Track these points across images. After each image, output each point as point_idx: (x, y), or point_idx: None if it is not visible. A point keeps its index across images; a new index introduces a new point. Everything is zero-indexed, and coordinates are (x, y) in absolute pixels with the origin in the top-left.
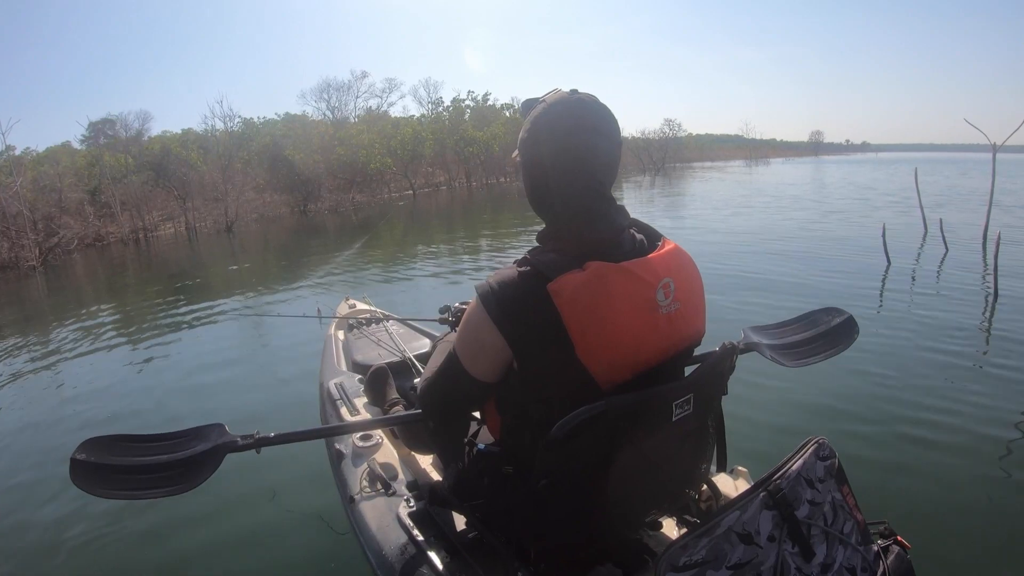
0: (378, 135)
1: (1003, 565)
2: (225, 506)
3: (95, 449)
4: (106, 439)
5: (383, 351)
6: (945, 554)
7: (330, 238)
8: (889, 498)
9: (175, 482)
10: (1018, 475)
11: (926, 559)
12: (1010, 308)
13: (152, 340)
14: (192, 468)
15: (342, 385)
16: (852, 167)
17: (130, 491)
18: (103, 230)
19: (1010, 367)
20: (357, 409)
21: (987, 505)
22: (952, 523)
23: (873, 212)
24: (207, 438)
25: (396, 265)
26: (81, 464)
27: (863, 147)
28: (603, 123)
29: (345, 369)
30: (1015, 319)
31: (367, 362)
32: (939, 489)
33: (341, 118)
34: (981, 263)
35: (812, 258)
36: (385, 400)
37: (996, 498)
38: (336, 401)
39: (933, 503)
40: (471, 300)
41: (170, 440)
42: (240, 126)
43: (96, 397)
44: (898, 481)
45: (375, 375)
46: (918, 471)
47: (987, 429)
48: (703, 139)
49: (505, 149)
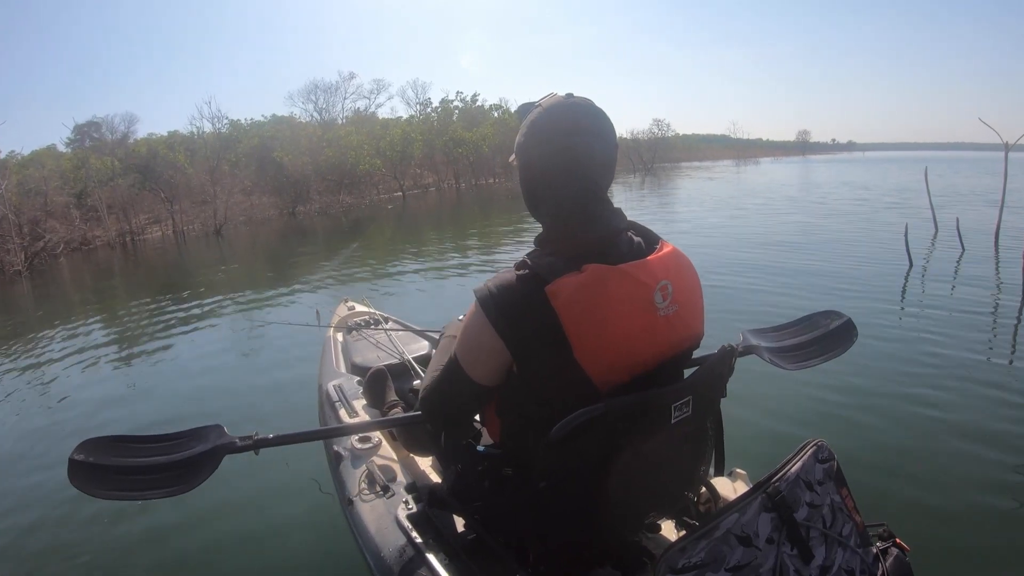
0: (367, 136)
1: (1002, 568)
2: (223, 507)
3: (94, 450)
4: (105, 440)
5: (382, 353)
6: (944, 556)
7: (322, 241)
8: (888, 500)
9: (174, 483)
10: (1018, 478)
11: (925, 561)
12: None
13: (149, 342)
14: (191, 469)
15: (341, 387)
16: (843, 166)
17: (128, 492)
18: (89, 234)
19: (1015, 368)
20: (356, 411)
21: (986, 508)
22: (951, 526)
23: (875, 214)
24: (206, 439)
25: (394, 267)
26: (80, 465)
27: (849, 146)
28: (599, 126)
29: (344, 371)
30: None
31: (366, 364)
32: (938, 492)
33: (329, 119)
34: (994, 264)
35: (829, 261)
36: (384, 402)
37: (995, 501)
38: (335, 403)
39: (932, 506)
40: (471, 304)
41: (169, 441)
42: (227, 128)
43: (94, 399)
44: (897, 483)
45: (374, 377)
46: (917, 474)
47: (987, 431)
48: (690, 139)
49: (494, 150)
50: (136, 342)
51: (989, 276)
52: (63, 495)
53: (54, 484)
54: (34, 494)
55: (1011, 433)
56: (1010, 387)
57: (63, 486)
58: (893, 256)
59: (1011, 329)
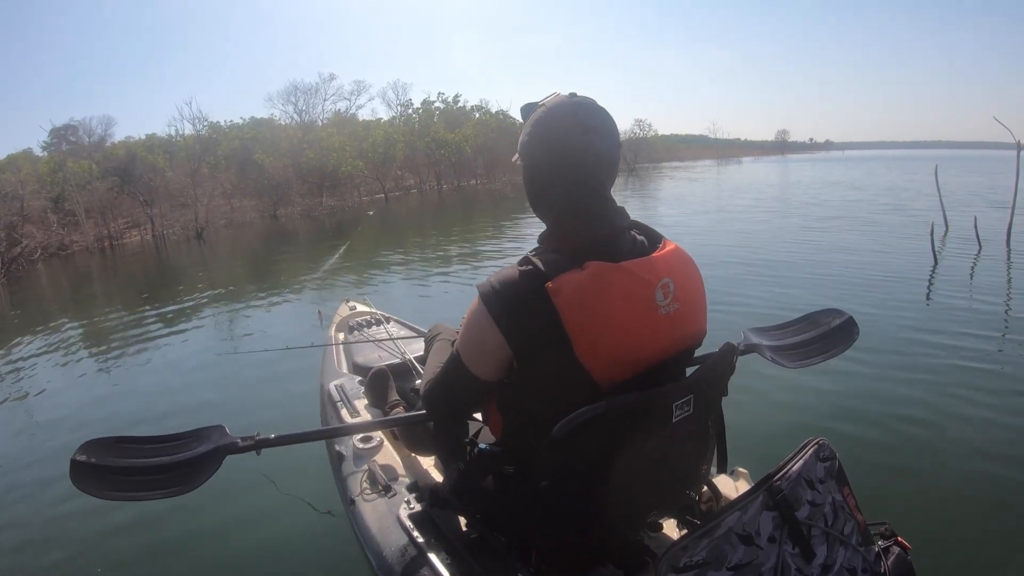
0: (349, 137)
1: (1004, 567)
2: (225, 508)
3: (96, 450)
4: (106, 440)
5: (383, 353)
6: (946, 555)
7: (313, 243)
8: (890, 499)
9: (175, 483)
10: (1020, 476)
11: (927, 560)
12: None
13: (147, 343)
14: (192, 469)
15: (342, 387)
16: (826, 166)
17: (130, 492)
18: (67, 238)
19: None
20: (357, 411)
21: (989, 506)
22: (953, 524)
23: (876, 214)
24: (207, 439)
25: (388, 268)
26: (81, 465)
27: (826, 145)
28: (602, 125)
29: (345, 371)
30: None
31: (367, 364)
32: (940, 490)
33: (309, 121)
34: (1006, 265)
35: (835, 260)
36: (386, 402)
37: (998, 499)
38: (336, 403)
39: (934, 504)
40: (473, 300)
41: (170, 441)
42: (207, 130)
43: (92, 401)
44: (899, 482)
45: (375, 377)
46: (919, 472)
47: (990, 430)
48: (670, 139)
49: (476, 151)
50: (138, 341)
51: (1001, 276)
52: (64, 495)
53: (55, 484)
54: (33, 495)
55: (1014, 432)
56: (1015, 386)
57: (64, 486)
58: (897, 253)
59: (1019, 329)
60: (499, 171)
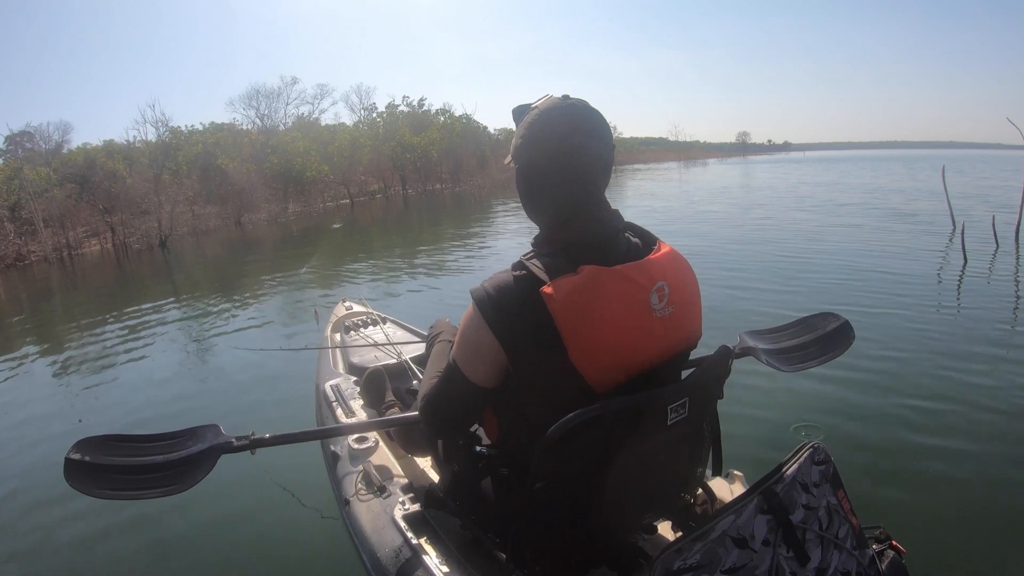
0: (313, 142)
1: (999, 570)
2: (219, 507)
3: (90, 448)
4: (101, 439)
5: (379, 353)
6: (941, 559)
7: (269, 251)
8: (885, 503)
9: (170, 482)
10: (1015, 480)
11: (922, 564)
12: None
13: (146, 344)
14: (187, 469)
15: (338, 387)
16: (791, 167)
17: (124, 491)
18: (24, 248)
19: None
20: (353, 411)
21: (983, 510)
22: (948, 528)
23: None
24: (202, 439)
25: (386, 268)
26: (75, 464)
27: (785, 147)
28: (596, 127)
29: (341, 371)
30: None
31: (364, 364)
32: (935, 494)
33: (271, 126)
34: (1014, 267)
35: (833, 262)
36: (381, 402)
37: (993, 503)
38: (332, 403)
39: (929, 508)
40: (468, 306)
41: (165, 440)
42: (167, 135)
43: (87, 400)
44: (894, 486)
45: (371, 377)
46: (914, 476)
47: (985, 434)
48: (632, 142)
49: (442, 155)
50: (137, 342)
51: (1007, 277)
52: (58, 493)
53: (48, 482)
54: (27, 493)
55: (1009, 436)
56: (1010, 389)
57: (58, 484)
58: (898, 253)
59: (1014, 333)
60: (465, 175)
